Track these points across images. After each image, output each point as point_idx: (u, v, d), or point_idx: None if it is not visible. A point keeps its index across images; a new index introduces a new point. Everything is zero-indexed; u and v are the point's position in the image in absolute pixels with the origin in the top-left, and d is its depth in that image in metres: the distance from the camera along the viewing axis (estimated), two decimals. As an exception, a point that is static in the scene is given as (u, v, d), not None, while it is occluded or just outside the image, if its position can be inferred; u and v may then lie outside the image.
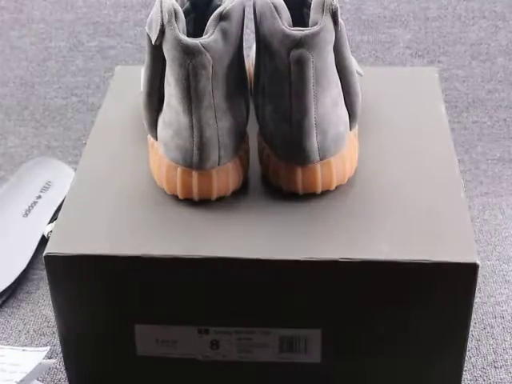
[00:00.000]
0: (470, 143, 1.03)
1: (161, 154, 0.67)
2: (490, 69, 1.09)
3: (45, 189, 0.93)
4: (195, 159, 0.64)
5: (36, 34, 1.14)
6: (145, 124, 0.69)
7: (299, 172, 0.65)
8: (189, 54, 0.61)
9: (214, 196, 0.66)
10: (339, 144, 0.66)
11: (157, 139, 0.68)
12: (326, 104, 0.64)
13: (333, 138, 0.65)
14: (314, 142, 0.64)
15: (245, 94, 0.67)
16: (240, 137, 0.66)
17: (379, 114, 0.78)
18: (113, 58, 1.12)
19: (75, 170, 0.96)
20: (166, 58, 0.63)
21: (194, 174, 0.65)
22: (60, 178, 0.94)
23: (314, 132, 0.64)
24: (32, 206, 0.90)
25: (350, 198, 0.67)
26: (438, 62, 1.10)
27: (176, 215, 0.66)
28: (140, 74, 0.84)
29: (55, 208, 0.90)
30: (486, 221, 0.91)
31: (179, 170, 0.65)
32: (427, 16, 1.12)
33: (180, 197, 0.66)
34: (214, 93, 0.63)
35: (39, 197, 0.91)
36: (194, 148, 0.64)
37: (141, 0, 1.15)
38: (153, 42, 0.63)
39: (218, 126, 0.64)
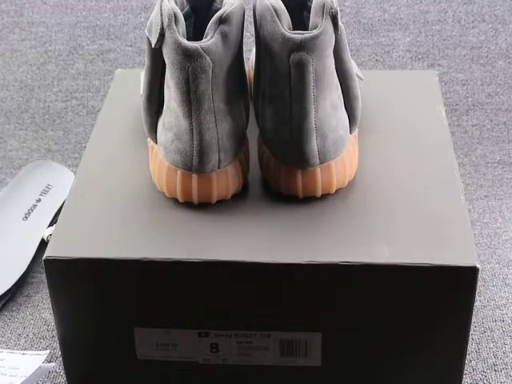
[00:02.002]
0: (470, 146, 1.03)
1: (161, 158, 0.67)
2: (490, 72, 1.09)
3: (44, 192, 0.93)
4: (195, 162, 0.64)
5: (36, 37, 1.14)
6: (144, 127, 0.69)
7: (299, 175, 0.65)
8: (189, 58, 0.61)
9: (214, 199, 0.66)
10: (339, 147, 0.66)
11: (157, 142, 0.68)
12: (326, 107, 0.64)
13: (333, 142, 0.65)
14: (313, 146, 0.64)
15: (245, 98, 0.67)
16: (240, 140, 0.66)
17: (379, 117, 0.77)
18: (113, 61, 1.12)
19: (75, 173, 0.96)
20: (166, 62, 0.63)
21: (194, 177, 0.65)
22: (60, 182, 0.94)
23: (314, 135, 0.64)
24: (32, 209, 0.90)
25: (350, 202, 0.67)
26: (438, 65, 1.10)
27: (176, 218, 0.66)
28: (140, 78, 0.84)
29: (55, 211, 0.90)
30: (485, 224, 0.91)
31: (179, 173, 0.65)
32: (427, 19, 1.12)
33: (180, 200, 0.66)
34: (213, 96, 0.63)
35: (39, 200, 0.91)
36: (194, 151, 0.64)
37: (141, 3, 1.15)
38: (153, 46, 0.63)
39: (218, 129, 0.63)
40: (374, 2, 1.14)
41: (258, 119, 0.68)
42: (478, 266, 0.61)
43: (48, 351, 0.68)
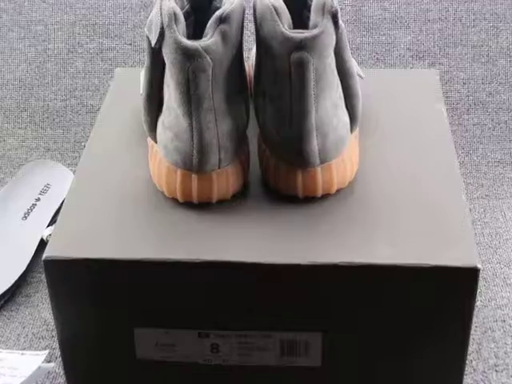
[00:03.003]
0: (471, 145, 1.03)
1: (160, 157, 0.66)
2: (491, 71, 1.09)
3: (44, 191, 0.92)
4: (195, 162, 0.64)
5: (35, 35, 1.14)
6: (144, 126, 0.69)
7: (299, 175, 0.65)
8: (188, 57, 0.61)
9: (214, 199, 0.66)
10: (340, 147, 0.65)
11: (156, 142, 0.68)
12: (327, 107, 0.64)
13: (333, 141, 0.65)
14: (314, 145, 0.64)
15: (245, 97, 0.67)
16: (240, 140, 0.66)
17: (380, 116, 0.77)
18: (112, 60, 1.12)
19: (74, 172, 0.96)
20: (166, 61, 0.62)
21: (194, 176, 0.65)
22: (59, 181, 0.94)
23: (315, 135, 0.64)
24: (31, 209, 0.90)
25: (350, 202, 0.67)
26: (439, 63, 1.10)
27: (176, 218, 0.65)
28: (140, 76, 0.84)
29: (54, 211, 0.90)
30: (486, 223, 0.91)
31: (179, 172, 0.65)
32: (428, 18, 1.12)
33: (180, 200, 0.66)
34: (213, 96, 0.62)
35: (38, 199, 0.91)
36: (194, 151, 0.63)
37: (140, 1, 1.15)
38: (152, 45, 0.63)
39: (218, 128, 0.63)
40: (375, 1, 1.14)
41: (258, 119, 0.68)
42: (478, 266, 0.60)
43: (47, 351, 0.68)
